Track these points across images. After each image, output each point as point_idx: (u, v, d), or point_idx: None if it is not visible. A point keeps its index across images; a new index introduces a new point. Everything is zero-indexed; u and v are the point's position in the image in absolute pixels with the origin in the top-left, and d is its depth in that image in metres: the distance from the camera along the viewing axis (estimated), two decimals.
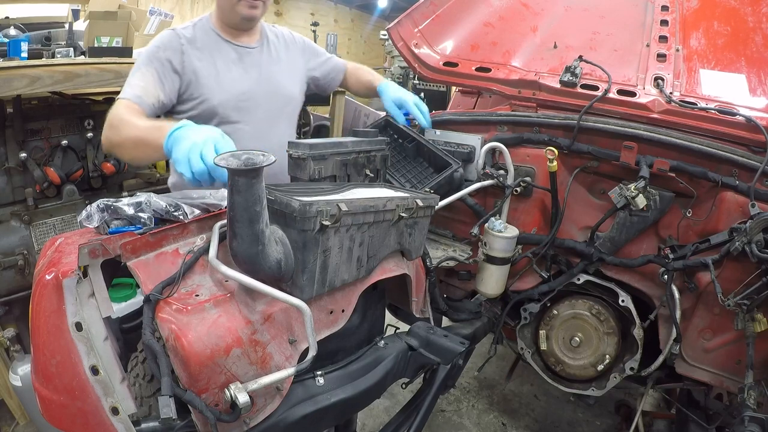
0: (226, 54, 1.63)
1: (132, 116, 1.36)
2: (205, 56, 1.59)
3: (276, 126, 1.70)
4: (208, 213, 1.12)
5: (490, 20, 1.98)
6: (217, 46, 1.63)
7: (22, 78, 1.88)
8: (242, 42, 1.67)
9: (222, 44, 1.63)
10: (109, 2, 2.66)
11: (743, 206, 1.39)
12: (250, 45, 1.69)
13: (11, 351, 2.03)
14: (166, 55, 1.51)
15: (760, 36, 1.69)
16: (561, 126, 1.63)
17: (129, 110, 1.39)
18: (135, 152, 1.34)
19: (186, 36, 1.58)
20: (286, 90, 1.75)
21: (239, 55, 1.65)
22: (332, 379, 1.15)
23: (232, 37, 1.66)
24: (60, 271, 0.92)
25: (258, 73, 1.68)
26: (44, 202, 2.19)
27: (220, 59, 1.61)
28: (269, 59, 1.73)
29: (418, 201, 1.23)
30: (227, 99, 1.59)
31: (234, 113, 1.59)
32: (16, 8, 3.14)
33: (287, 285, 1.01)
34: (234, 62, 1.64)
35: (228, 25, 1.64)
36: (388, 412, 2.47)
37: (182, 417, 0.92)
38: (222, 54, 1.62)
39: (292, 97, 1.78)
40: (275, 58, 1.75)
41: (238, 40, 1.67)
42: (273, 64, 1.73)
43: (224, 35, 1.65)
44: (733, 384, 1.50)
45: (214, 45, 1.62)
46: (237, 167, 0.82)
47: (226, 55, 1.63)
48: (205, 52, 1.59)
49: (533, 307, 1.74)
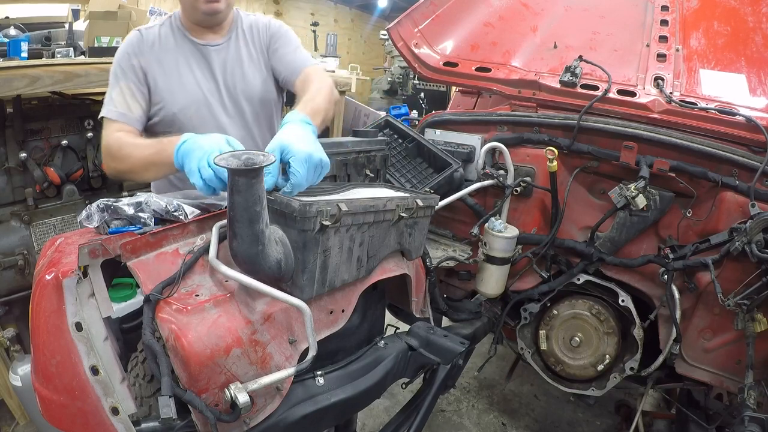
0: (189, 54, 1.51)
1: (129, 140, 1.36)
2: (168, 58, 1.49)
3: (248, 131, 1.57)
4: (208, 213, 1.12)
5: (490, 20, 1.98)
6: (181, 46, 1.51)
7: (22, 78, 1.88)
8: (207, 40, 1.53)
9: (186, 44, 1.52)
10: (109, 2, 2.67)
11: (743, 206, 1.39)
12: (214, 42, 1.54)
13: (11, 351, 2.03)
14: (135, 62, 1.45)
15: (760, 36, 1.69)
16: (561, 126, 1.63)
17: (123, 135, 1.39)
18: (146, 174, 1.34)
19: (149, 38, 1.49)
20: (255, 91, 1.58)
21: (202, 54, 1.52)
22: (332, 379, 1.15)
23: (197, 34, 1.53)
24: (60, 271, 0.92)
25: (222, 73, 1.54)
26: (44, 202, 2.20)
27: (183, 61, 1.50)
28: (236, 56, 1.57)
29: (418, 201, 1.23)
30: (187, 105, 1.47)
31: (195, 120, 1.46)
32: (16, 8, 3.14)
33: (287, 285, 1.01)
34: (196, 63, 1.52)
35: (193, 22, 1.52)
36: (388, 412, 2.47)
37: (182, 417, 0.92)
38: (184, 55, 1.51)
39: (265, 98, 1.61)
40: (244, 54, 1.58)
41: (203, 37, 1.53)
42: (240, 61, 1.57)
43: (190, 33, 1.53)
44: (733, 384, 1.50)
45: (177, 45, 1.51)
46: (237, 167, 0.82)
47: (189, 55, 1.51)
48: (169, 53, 1.49)
49: (533, 307, 1.74)
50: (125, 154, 1.34)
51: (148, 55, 1.46)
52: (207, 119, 1.49)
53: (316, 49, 6.86)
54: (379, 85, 6.56)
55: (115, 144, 1.37)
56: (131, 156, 1.32)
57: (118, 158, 1.36)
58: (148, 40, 1.48)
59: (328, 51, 6.81)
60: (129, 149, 1.33)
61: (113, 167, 1.39)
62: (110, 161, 1.39)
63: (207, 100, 1.50)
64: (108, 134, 1.40)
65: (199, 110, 1.49)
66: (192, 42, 1.52)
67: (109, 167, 1.42)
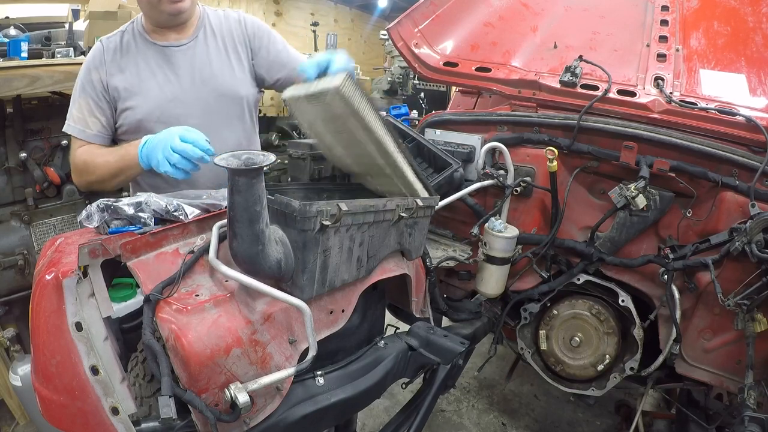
0: (153, 58, 1.48)
1: (91, 156, 1.43)
2: (129, 65, 1.46)
3: (218, 132, 1.48)
4: (208, 213, 1.12)
5: (490, 20, 1.98)
6: (142, 50, 1.48)
7: (22, 78, 1.88)
8: (170, 41, 1.49)
9: (148, 47, 1.48)
10: (109, 2, 2.66)
11: (743, 206, 1.39)
12: (178, 42, 1.50)
13: (11, 351, 2.03)
14: (96, 76, 1.44)
15: (760, 36, 1.69)
16: (561, 126, 1.63)
17: (85, 152, 1.45)
18: (116, 181, 1.42)
19: (110, 47, 1.47)
20: (226, 88, 1.52)
21: (165, 56, 1.48)
22: (332, 379, 1.15)
23: (159, 37, 1.49)
24: (60, 271, 0.92)
25: (189, 73, 1.49)
26: (44, 202, 2.20)
27: (144, 65, 1.46)
28: (204, 54, 1.51)
29: (418, 201, 1.23)
30: (151, 109, 1.44)
31: (160, 125, 1.39)
32: (16, 8, 3.14)
33: (287, 285, 1.01)
34: (159, 66, 1.47)
35: (155, 24, 1.48)
36: (388, 412, 2.47)
37: (182, 417, 0.92)
38: (146, 59, 1.47)
39: (237, 96, 1.55)
40: (213, 51, 1.53)
41: (166, 39, 1.49)
42: (209, 59, 1.52)
43: (151, 36, 1.49)
44: (733, 384, 1.50)
45: (138, 50, 1.47)
46: (237, 167, 0.82)
47: (152, 59, 1.47)
48: (130, 60, 1.46)
49: (533, 307, 1.74)
50: (89, 169, 1.43)
51: (109, 65, 1.45)
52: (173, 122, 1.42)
53: (316, 49, 6.85)
54: (379, 85, 6.56)
55: (78, 160, 1.45)
56: (96, 167, 1.41)
57: (84, 172, 1.46)
58: (109, 49, 1.47)
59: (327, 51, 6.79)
60: (92, 164, 1.42)
61: (80, 181, 1.49)
62: (77, 176, 1.49)
63: (171, 103, 1.46)
64: (72, 151, 1.49)
65: (163, 114, 1.45)
66: (154, 45, 1.49)
67: (78, 182, 1.51)
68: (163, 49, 1.48)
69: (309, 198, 1.21)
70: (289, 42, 1.72)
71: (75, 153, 1.47)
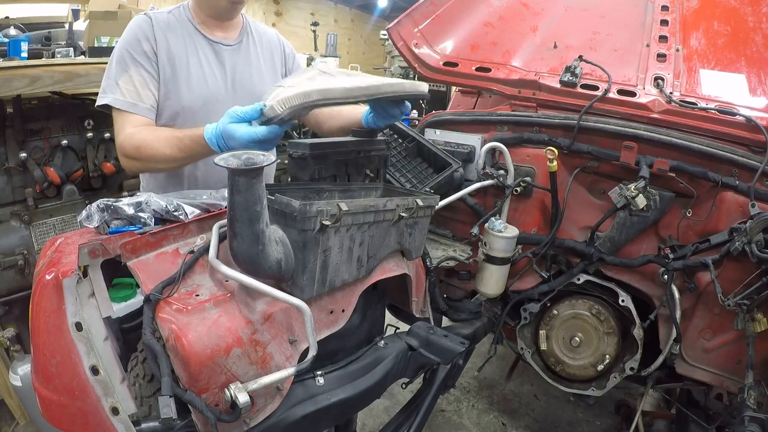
0: (201, 48, 1.45)
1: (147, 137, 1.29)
2: (178, 48, 1.41)
3: None
4: (208, 213, 1.12)
5: (490, 20, 1.98)
6: (192, 38, 1.44)
7: (22, 78, 1.88)
8: (217, 37, 1.48)
9: (197, 37, 1.45)
10: (109, 2, 2.67)
11: (743, 206, 1.39)
12: (227, 41, 1.50)
13: (11, 351, 2.03)
14: (147, 47, 1.37)
15: (760, 36, 1.69)
16: (561, 126, 1.63)
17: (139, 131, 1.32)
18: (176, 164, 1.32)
19: (160, 20, 1.41)
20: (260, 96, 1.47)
21: (214, 51, 1.47)
22: (332, 379, 1.15)
23: (208, 29, 1.47)
24: (60, 271, 0.92)
25: (231, 74, 1.49)
26: (44, 202, 2.20)
27: (193, 54, 1.43)
28: (246, 60, 1.53)
29: (418, 201, 1.23)
30: (193, 101, 1.42)
31: (198, 118, 1.39)
32: (16, 8, 3.14)
33: (287, 285, 1.01)
34: (207, 59, 1.45)
35: (208, 14, 1.46)
36: (388, 412, 2.47)
37: (182, 417, 0.92)
38: (196, 48, 1.44)
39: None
40: (253, 58, 1.55)
41: (214, 34, 1.48)
42: (249, 65, 1.53)
43: (200, 27, 1.46)
44: (733, 384, 1.50)
45: (189, 36, 1.44)
46: (237, 167, 0.82)
47: (201, 49, 1.45)
48: (179, 43, 1.42)
49: (533, 307, 1.74)
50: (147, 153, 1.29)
51: (159, 38, 1.38)
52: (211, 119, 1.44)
53: (316, 49, 6.85)
54: None
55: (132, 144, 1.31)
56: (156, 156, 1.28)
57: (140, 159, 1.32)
58: (159, 21, 1.40)
59: (328, 51, 6.80)
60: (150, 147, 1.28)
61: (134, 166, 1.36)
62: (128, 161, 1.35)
63: (215, 98, 1.44)
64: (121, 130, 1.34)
65: (204, 108, 1.43)
66: (204, 37, 1.46)
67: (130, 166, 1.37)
68: (214, 44, 1.47)
69: (309, 198, 1.21)
70: (289, 42, 1.72)
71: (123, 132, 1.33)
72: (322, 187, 1.26)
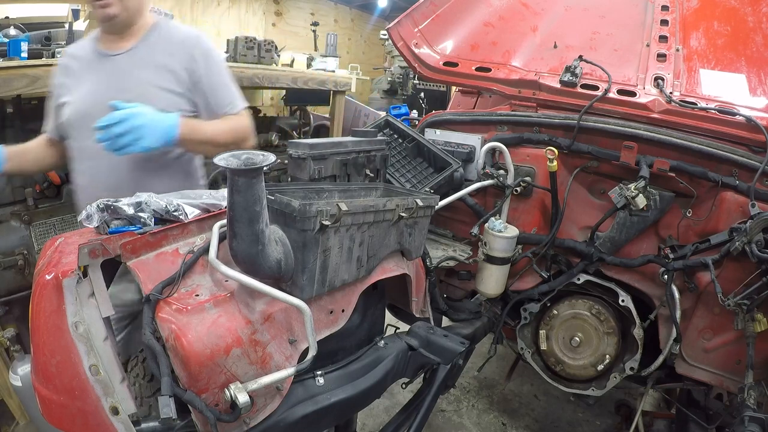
0: (88, 64, 1.50)
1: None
2: (74, 69, 1.51)
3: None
4: (208, 213, 1.12)
5: (490, 20, 1.98)
6: (88, 56, 1.52)
7: (22, 78, 1.88)
8: (111, 48, 1.49)
9: (92, 54, 1.51)
10: None
11: (743, 206, 1.39)
12: (116, 51, 1.48)
13: (11, 351, 2.02)
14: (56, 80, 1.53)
15: (760, 36, 1.69)
16: (561, 126, 1.63)
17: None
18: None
19: (71, 52, 1.56)
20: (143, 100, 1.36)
21: (101, 63, 1.48)
22: (332, 379, 1.15)
23: (107, 44, 1.50)
24: (60, 271, 0.92)
25: (116, 81, 1.45)
26: (44, 202, 2.19)
27: (82, 70, 1.50)
28: (139, 65, 1.46)
29: (418, 201, 1.23)
30: (73, 112, 1.45)
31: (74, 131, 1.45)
32: (16, 8, 3.13)
33: (287, 285, 1.01)
34: (91, 71, 1.48)
35: (101, 30, 1.52)
36: (388, 412, 2.46)
37: (182, 417, 0.92)
38: (88, 66, 1.50)
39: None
40: (146, 63, 1.46)
41: (112, 46, 1.49)
42: (140, 70, 1.46)
43: (99, 43, 1.52)
44: (733, 384, 1.50)
45: (86, 56, 1.52)
46: (237, 167, 0.82)
47: (88, 65, 1.50)
48: (78, 66, 1.51)
49: (533, 307, 1.74)
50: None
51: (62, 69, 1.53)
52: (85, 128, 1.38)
53: (316, 49, 6.85)
54: (379, 85, 6.56)
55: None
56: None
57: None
58: (71, 54, 1.55)
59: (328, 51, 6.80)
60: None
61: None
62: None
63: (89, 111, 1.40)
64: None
65: (78, 121, 1.44)
66: (97, 52, 1.51)
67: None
68: (103, 56, 1.50)
69: (309, 198, 1.21)
70: (289, 42, 1.68)
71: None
72: (321, 187, 1.26)
